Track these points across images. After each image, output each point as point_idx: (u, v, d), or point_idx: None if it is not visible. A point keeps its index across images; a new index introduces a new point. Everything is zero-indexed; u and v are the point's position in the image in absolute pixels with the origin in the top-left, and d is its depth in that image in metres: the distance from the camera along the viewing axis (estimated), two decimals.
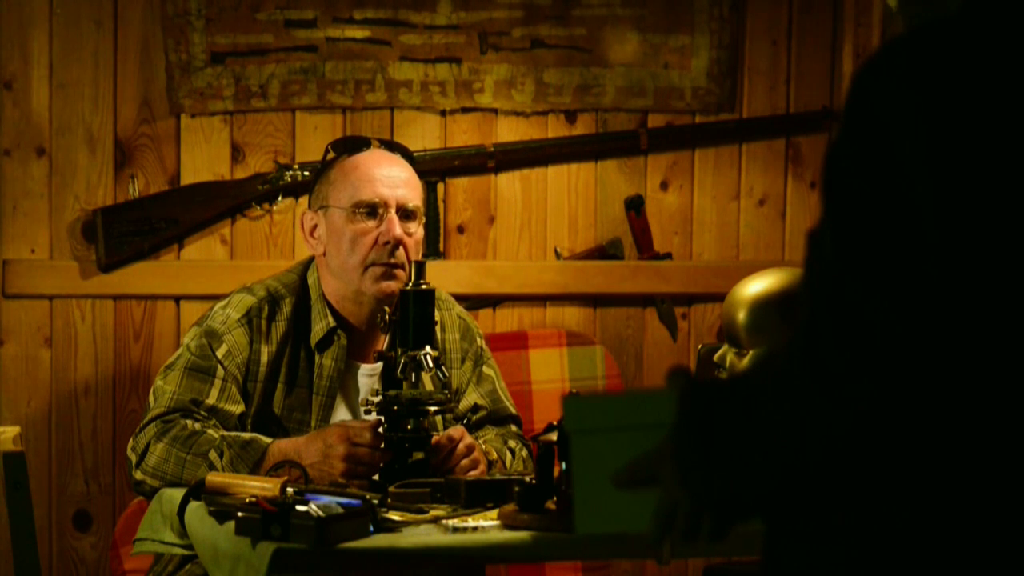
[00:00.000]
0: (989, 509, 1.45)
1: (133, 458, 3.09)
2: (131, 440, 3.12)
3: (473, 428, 3.31)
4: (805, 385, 1.44)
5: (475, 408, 3.32)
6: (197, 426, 3.06)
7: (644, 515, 1.61)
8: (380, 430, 2.96)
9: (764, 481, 1.50)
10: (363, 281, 3.18)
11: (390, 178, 3.20)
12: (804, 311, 1.47)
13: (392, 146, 3.29)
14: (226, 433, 3.05)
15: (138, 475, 3.07)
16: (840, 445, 1.44)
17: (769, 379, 1.50)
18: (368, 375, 3.23)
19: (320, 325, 3.19)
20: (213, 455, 3.00)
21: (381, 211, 3.18)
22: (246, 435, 3.05)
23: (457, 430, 3.05)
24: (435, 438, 2.99)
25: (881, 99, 1.44)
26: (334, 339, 3.19)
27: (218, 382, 3.12)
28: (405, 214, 3.19)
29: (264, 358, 3.16)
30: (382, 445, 2.95)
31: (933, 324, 1.41)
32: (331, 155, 3.27)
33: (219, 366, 3.13)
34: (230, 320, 3.17)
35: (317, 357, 3.18)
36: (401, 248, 3.17)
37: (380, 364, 3.13)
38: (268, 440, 3.03)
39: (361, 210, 3.18)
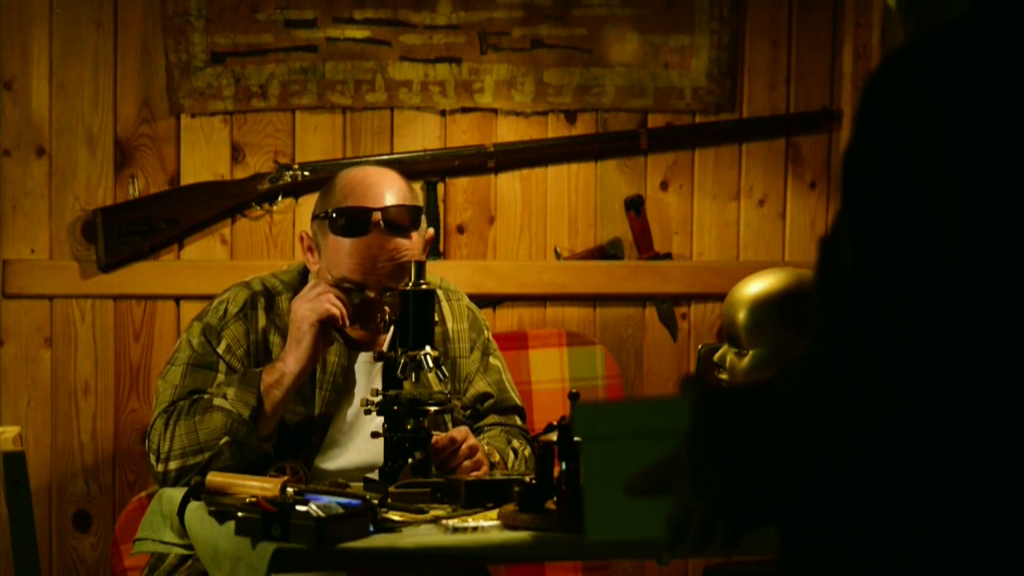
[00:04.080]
0: (1019, 516, 1.45)
1: (152, 457, 3.12)
2: (145, 443, 3.17)
3: (479, 416, 3.32)
4: (830, 391, 1.44)
5: (483, 397, 3.33)
6: (195, 397, 3.12)
7: (655, 522, 1.61)
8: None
9: (782, 488, 1.50)
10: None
11: (383, 265, 3.10)
12: (822, 319, 1.47)
13: (395, 227, 3.14)
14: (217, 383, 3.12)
15: (160, 467, 3.09)
16: (867, 451, 1.44)
17: (789, 386, 1.49)
18: (369, 363, 3.23)
19: None
20: (218, 401, 3.05)
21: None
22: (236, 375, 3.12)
23: (460, 431, 3.06)
24: (436, 438, 3.00)
25: (896, 104, 1.44)
26: (332, 336, 3.19)
27: (220, 376, 3.15)
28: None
29: (263, 349, 3.18)
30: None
31: (959, 327, 1.40)
32: (327, 223, 3.20)
33: (220, 360, 3.15)
34: (228, 315, 3.20)
35: None
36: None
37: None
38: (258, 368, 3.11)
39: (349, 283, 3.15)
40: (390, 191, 3.17)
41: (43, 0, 3.98)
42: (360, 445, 3.19)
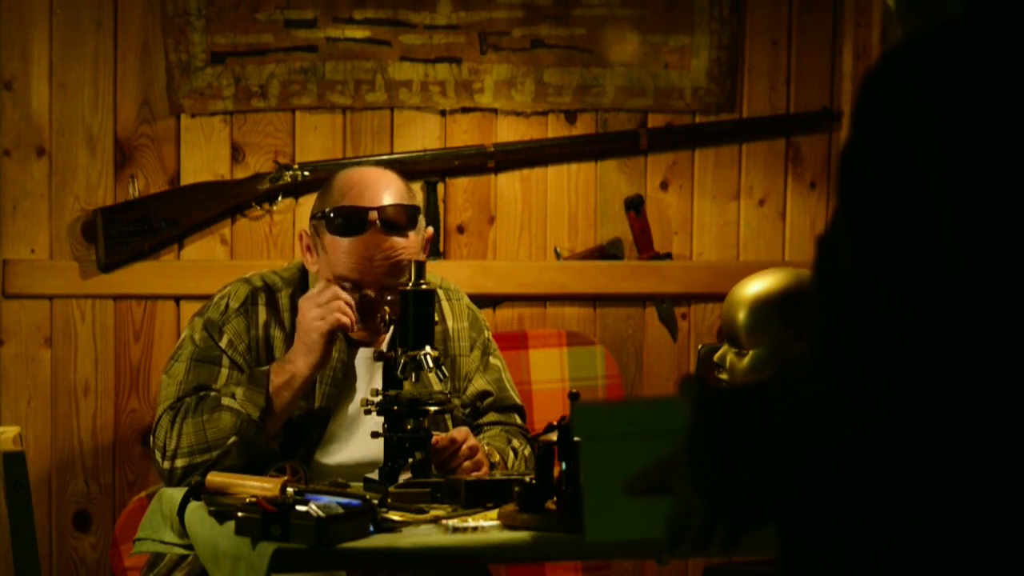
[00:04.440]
0: (1018, 516, 1.45)
1: (157, 454, 3.13)
2: (150, 440, 3.17)
3: (479, 414, 3.32)
4: (829, 390, 1.44)
5: (482, 395, 3.33)
6: (202, 394, 3.12)
7: (655, 522, 1.61)
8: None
9: (781, 487, 1.50)
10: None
11: (379, 264, 3.12)
12: (821, 318, 1.47)
13: (391, 226, 3.15)
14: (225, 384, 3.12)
15: (167, 464, 3.09)
16: (866, 450, 1.44)
17: (787, 386, 1.49)
18: (371, 358, 3.24)
19: None
20: (227, 400, 3.06)
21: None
22: (244, 375, 3.12)
23: (460, 432, 3.06)
24: (436, 438, 3.00)
25: (894, 103, 1.44)
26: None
27: (224, 370, 3.16)
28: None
29: (264, 344, 3.19)
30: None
31: (957, 326, 1.40)
32: (324, 224, 3.20)
33: (224, 355, 3.17)
34: (230, 310, 3.22)
35: None
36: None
37: (381, 348, 3.19)
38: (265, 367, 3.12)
39: (347, 283, 3.14)
40: (387, 191, 3.17)
41: (43, 0, 3.98)
42: (360, 441, 3.20)
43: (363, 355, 3.25)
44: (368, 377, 3.23)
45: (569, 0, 4.19)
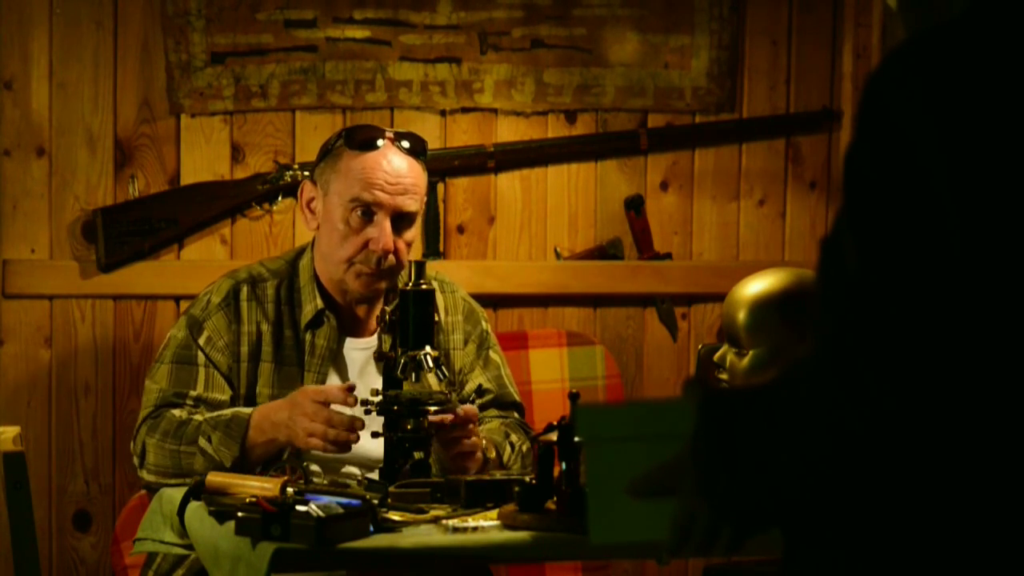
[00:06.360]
0: (1019, 516, 1.45)
1: (136, 461, 3.17)
2: (131, 444, 3.19)
3: (478, 411, 3.33)
4: (833, 392, 1.44)
5: (480, 391, 3.33)
6: (183, 414, 3.13)
7: (659, 525, 1.61)
8: (355, 393, 2.96)
9: (787, 490, 1.50)
10: (347, 276, 3.21)
11: (393, 184, 3.19)
12: (825, 320, 1.47)
13: (402, 139, 3.25)
14: (208, 416, 3.11)
15: (145, 475, 3.15)
16: (870, 451, 1.44)
17: (792, 388, 1.49)
18: (358, 349, 3.25)
19: (310, 307, 3.22)
20: (202, 442, 3.07)
21: (377, 214, 3.19)
22: (227, 412, 3.11)
23: (467, 409, 3.07)
24: (440, 418, 3.00)
25: (896, 105, 1.44)
26: (324, 320, 3.21)
27: (202, 371, 3.19)
28: (401, 218, 3.20)
29: (246, 338, 3.21)
30: (360, 409, 2.95)
31: (961, 326, 1.40)
32: (341, 146, 3.26)
33: (200, 353, 3.19)
34: (211, 305, 3.24)
35: (308, 336, 3.21)
36: (390, 255, 3.18)
37: (371, 338, 3.22)
38: (249, 410, 3.08)
39: (357, 210, 3.19)
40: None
41: (43, 0, 3.98)
42: None
43: (351, 345, 3.25)
44: (357, 366, 3.24)
45: (569, 0, 4.19)
